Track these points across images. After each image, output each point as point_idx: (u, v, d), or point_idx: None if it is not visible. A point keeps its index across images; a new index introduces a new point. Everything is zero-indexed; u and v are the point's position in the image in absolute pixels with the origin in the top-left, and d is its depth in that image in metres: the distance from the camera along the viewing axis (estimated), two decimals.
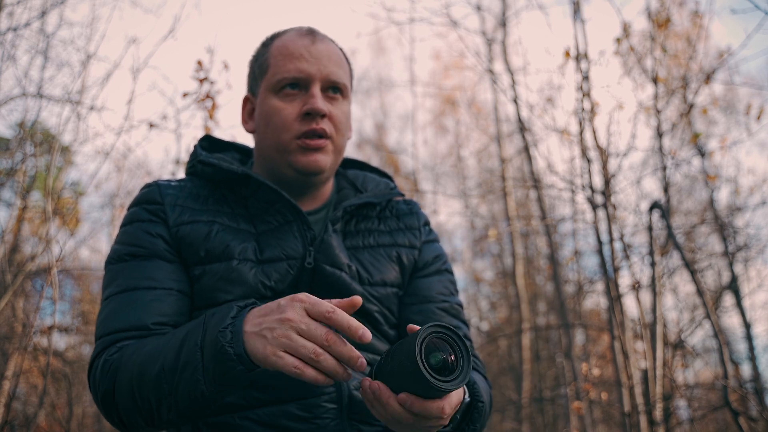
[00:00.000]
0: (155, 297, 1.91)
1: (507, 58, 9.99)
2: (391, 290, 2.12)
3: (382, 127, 22.10)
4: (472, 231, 18.90)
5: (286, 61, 2.11)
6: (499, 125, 14.04)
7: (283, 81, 2.09)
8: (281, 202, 2.04)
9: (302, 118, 2.06)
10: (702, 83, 5.74)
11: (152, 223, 2.02)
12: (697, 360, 9.03)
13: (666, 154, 5.87)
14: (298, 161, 2.06)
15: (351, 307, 1.52)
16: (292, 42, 2.15)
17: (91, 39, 6.40)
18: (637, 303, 4.88)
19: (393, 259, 2.16)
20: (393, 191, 2.30)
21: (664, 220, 5.09)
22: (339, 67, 2.15)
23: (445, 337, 1.43)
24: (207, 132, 6.58)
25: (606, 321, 8.74)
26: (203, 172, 2.14)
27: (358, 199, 2.17)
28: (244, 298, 1.91)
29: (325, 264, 2.01)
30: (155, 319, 1.87)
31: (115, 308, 1.90)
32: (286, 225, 2.04)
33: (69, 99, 6.12)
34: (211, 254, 1.96)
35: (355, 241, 2.15)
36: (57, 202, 6.10)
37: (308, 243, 2.02)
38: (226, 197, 2.11)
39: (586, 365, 8.07)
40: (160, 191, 2.08)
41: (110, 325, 1.88)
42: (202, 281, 1.94)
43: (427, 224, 2.33)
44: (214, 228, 2.00)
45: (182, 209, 2.04)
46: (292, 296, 1.52)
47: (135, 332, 1.84)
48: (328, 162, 2.09)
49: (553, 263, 10.63)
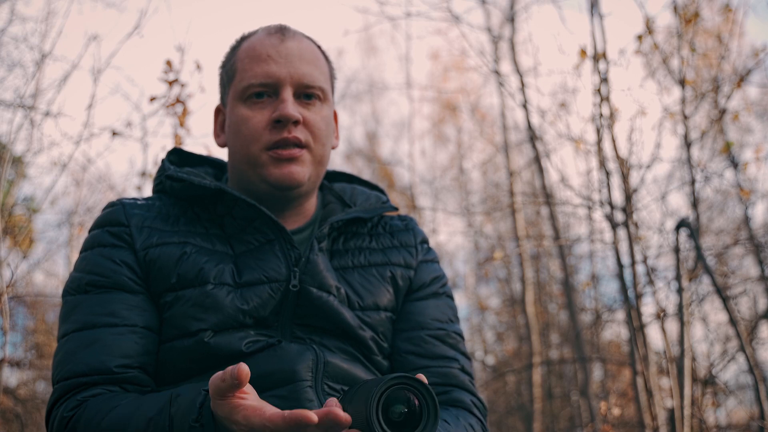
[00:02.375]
0: (118, 335, 1.91)
1: (515, 57, 10.03)
2: (384, 315, 2.12)
3: (374, 136, 22.16)
4: (477, 253, 18.90)
5: (252, 65, 2.12)
6: (507, 133, 14.05)
7: (250, 88, 2.09)
8: (261, 218, 2.04)
9: (272, 127, 2.06)
10: (735, 86, 5.76)
11: (116, 248, 2.02)
12: (730, 398, 9.01)
13: (694, 165, 5.89)
14: (271, 174, 2.06)
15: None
16: (260, 42, 2.15)
17: (46, 36, 6.38)
18: (663, 334, 4.88)
19: (386, 280, 2.16)
20: (385, 205, 2.29)
21: (693, 241, 5.09)
22: (314, 67, 2.14)
23: (410, 388, 1.44)
24: (177, 141, 6.58)
25: (627, 354, 8.74)
26: (172, 188, 2.14)
27: (346, 214, 2.17)
28: (220, 327, 1.91)
29: (312, 287, 2.00)
30: (118, 362, 1.88)
31: (73, 348, 1.91)
32: (267, 244, 2.04)
33: (21, 103, 6.11)
34: (183, 279, 1.95)
35: (343, 261, 2.15)
36: (8, 219, 6.10)
37: (292, 264, 2.02)
38: (200, 216, 2.10)
39: (604, 404, 8.06)
40: (125, 211, 2.08)
41: (69, 368, 1.88)
42: (174, 309, 1.94)
43: (424, 242, 2.33)
44: (187, 250, 2.00)
45: (150, 231, 2.04)
46: None
47: (97, 377, 1.85)
48: (305, 174, 2.08)
49: (568, 289, 10.63)
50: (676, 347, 5.35)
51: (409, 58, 22.10)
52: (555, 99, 7.24)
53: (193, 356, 1.92)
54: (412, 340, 2.13)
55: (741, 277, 9.02)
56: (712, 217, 12.24)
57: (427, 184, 19.81)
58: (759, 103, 14.00)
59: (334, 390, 1.93)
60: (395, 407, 1.41)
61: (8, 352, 6.44)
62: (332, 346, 2.00)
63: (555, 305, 15.07)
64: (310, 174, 2.10)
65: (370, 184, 2.43)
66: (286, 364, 1.89)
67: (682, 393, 4.79)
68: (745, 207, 10.01)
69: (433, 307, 2.21)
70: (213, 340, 1.90)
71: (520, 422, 13.66)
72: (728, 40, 6.49)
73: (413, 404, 1.42)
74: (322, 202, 2.30)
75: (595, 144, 5.45)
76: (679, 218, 5.20)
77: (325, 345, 1.99)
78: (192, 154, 2.34)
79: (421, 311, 2.18)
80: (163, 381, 1.96)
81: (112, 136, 6.78)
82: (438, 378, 2.11)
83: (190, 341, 1.91)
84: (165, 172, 2.16)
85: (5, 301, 4.44)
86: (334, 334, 2.02)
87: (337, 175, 2.46)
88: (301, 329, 2.00)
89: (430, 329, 2.16)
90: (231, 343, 1.90)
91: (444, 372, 2.12)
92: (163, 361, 1.96)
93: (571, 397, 12.46)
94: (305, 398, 1.85)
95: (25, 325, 12.32)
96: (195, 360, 1.92)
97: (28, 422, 7.70)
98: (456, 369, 2.14)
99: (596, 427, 8.83)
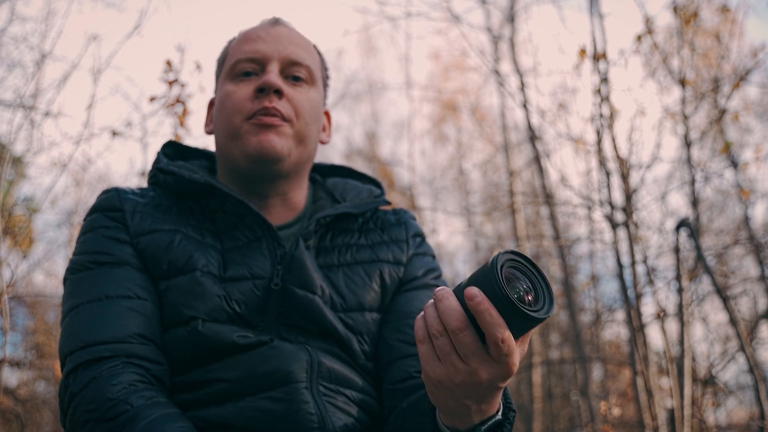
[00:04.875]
0: (132, 307, 1.89)
1: (515, 57, 10.04)
2: (369, 316, 2.08)
3: (373, 136, 22.11)
4: (476, 253, 18.88)
5: (242, 45, 2.15)
6: (507, 133, 14.06)
7: (238, 63, 2.11)
8: (250, 215, 2.03)
9: (255, 97, 2.06)
10: (735, 86, 5.76)
11: (117, 229, 2.02)
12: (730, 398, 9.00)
13: (694, 165, 5.89)
14: (249, 143, 2.04)
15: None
16: (252, 29, 2.19)
17: (46, 36, 6.38)
18: (663, 334, 4.88)
19: (373, 278, 2.12)
20: (377, 200, 2.25)
21: (693, 241, 5.09)
22: (302, 50, 2.15)
23: (522, 267, 1.42)
24: (178, 141, 6.57)
25: (627, 354, 8.73)
26: (165, 181, 2.13)
27: (334, 210, 2.14)
28: (209, 315, 1.90)
29: (295, 286, 1.98)
30: (136, 331, 1.86)
31: (85, 318, 1.88)
32: (255, 241, 2.03)
33: (21, 103, 6.11)
34: (174, 266, 1.95)
35: (329, 259, 2.12)
36: (8, 220, 6.09)
37: (277, 261, 2.00)
38: (193, 210, 2.10)
39: (604, 404, 8.06)
40: (120, 197, 2.08)
41: (85, 336, 1.85)
42: (167, 297, 1.94)
43: (418, 235, 2.27)
44: (177, 237, 1.99)
45: (142, 216, 2.03)
46: None
47: (116, 345, 1.82)
48: (284, 146, 2.06)
49: (568, 289, 10.63)
50: (676, 347, 5.35)
51: (409, 58, 22.07)
52: (555, 99, 7.22)
53: (187, 345, 1.90)
54: (400, 328, 2.07)
55: (741, 277, 9.00)
56: (712, 217, 12.23)
57: (426, 184, 19.81)
58: (759, 103, 13.97)
59: (329, 391, 1.91)
60: (514, 286, 1.40)
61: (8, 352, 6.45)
62: (319, 347, 1.97)
63: (555, 305, 15.05)
64: (290, 149, 2.08)
65: (366, 177, 2.39)
66: (282, 365, 1.88)
67: (682, 393, 4.79)
68: (745, 207, 10.00)
69: (423, 297, 2.14)
70: (205, 328, 1.88)
71: (520, 422, 13.64)
72: (728, 40, 6.49)
73: (526, 286, 1.42)
74: (313, 198, 2.28)
75: (595, 144, 5.45)
76: (679, 218, 5.20)
77: (312, 346, 1.97)
78: (188, 147, 2.33)
79: (410, 301, 2.13)
80: None
81: (112, 136, 6.78)
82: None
83: (183, 330, 1.90)
84: (158, 164, 2.16)
85: (5, 301, 4.44)
86: (318, 335, 1.99)
87: (333, 170, 2.44)
88: (287, 330, 1.97)
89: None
90: (223, 333, 1.89)
91: None
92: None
93: (571, 397, 12.45)
94: (301, 400, 1.84)
95: (25, 325, 12.30)
96: (189, 350, 1.90)
97: (28, 422, 7.71)
98: None
99: (596, 427, 8.83)
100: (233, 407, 1.83)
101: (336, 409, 1.89)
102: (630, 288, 5.16)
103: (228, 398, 1.85)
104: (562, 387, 13.33)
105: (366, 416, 1.98)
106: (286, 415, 1.81)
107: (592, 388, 10.47)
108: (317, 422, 1.82)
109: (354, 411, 1.94)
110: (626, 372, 11.25)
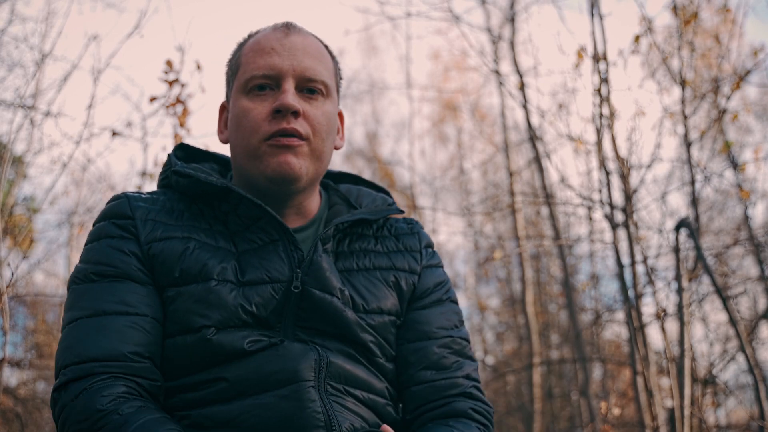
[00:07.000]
0: (129, 324, 1.89)
1: (515, 57, 10.02)
2: (388, 318, 2.11)
3: (374, 136, 22.14)
4: (476, 253, 18.89)
5: (256, 57, 2.11)
6: (507, 133, 14.04)
7: (253, 79, 2.08)
8: (265, 218, 2.03)
9: (272, 118, 2.04)
10: (734, 86, 5.76)
11: (123, 239, 2.01)
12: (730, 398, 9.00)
13: (694, 165, 5.89)
14: (269, 165, 2.03)
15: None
16: (264, 37, 2.15)
17: (46, 36, 6.39)
18: (663, 334, 4.88)
19: (390, 284, 2.15)
20: (391, 207, 2.28)
21: (693, 241, 5.09)
22: (318, 62, 2.13)
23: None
24: (177, 141, 6.57)
25: (627, 354, 8.74)
26: (178, 184, 2.13)
27: (352, 216, 2.15)
28: (222, 323, 1.90)
29: (315, 288, 1.99)
30: (131, 349, 1.86)
31: (83, 333, 1.88)
32: (271, 244, 2.03)
33: (21, 103, 6.11)
34: (186, 274, 1.94)
35: (348, 263, 2.13)
36: (8, 219, 6.09)
37: (295, 265, 2.01)
38: (204, 213, 2.10)
39: (605, 404, 8.07)
40: (130, 204, 2.07)
41: (80, 352, 1.85)
42: (176, 304, 1.93)
43: (429, 246, 2.31)
44: (191, 245, 1.99)
45: (154, 224, 2.03)
46: None
47: (110, 363, 1.83)
48: (302, 166, 2.05)
49: (568, 289, 10.63)
50: (676, 347, 5.35)
51: (410, 58, 22.11)
52: (555, 99, 7.23)
53: (195, 352, 1.90)
54: (419, 351, 2.12)
55: (741, 277, 9.02)
56: (712, 217, 12.24)
57: (427, 184, 19.83)
58: (758, 103, 14.00)
59: (337, 391, 1.92)
60: None
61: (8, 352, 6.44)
62: (334, 348, 1.99)
63: (555, 305, 15.08)
64: (307, 168, 2.07)
65: (376, 186, 2.41)
66: (288, 364, 1.88)
67: (682, 393, 4.80)
68: (745, 207, 9.99)
69: (438, 314, 2.19)
70: (216, 337, 1.88)
71: (520, 422, 13.65)
72: (728, 41, 6.50)
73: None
74: (328, 203, 2.28)
75: (595, 144, 5.46)
76: (679, 218, 5.21)
77: (328, 347, 1.98)
78: (198, 149, 2.32)
79: (427, 320, 2.17)
80: (163, 376, 1.95)
81: (112, 136, 6.79)
82: (441, 391, 2.10)
83: (192, 338, 1.90)
84: (172, 167, 2.15)
85: (5, 301, 4.44)
86: (335, 337, 2.00)
87: (343, 177, 2.44)
88: (303, 331, 1.98)
89: (436, 338, 2.14)
90: (233, 341, 1.89)
91: (448, 384, 2.11)
92: (165, 357, 1.94)
93: (571, 397, 12.46)
94: (307, 398, 1.84)
95: (25, 325, 12.28)
96: (196, 356, 1.90)
97: (28, 422, 7.70)
98: (460, 378, 2.12)
99: (596, 427, 8.83)
100: (239, 405, 1.83)
101: (344, 409, 1.90)
102: (630, 288, 5.17)
103: (234, 396, 1.86)
104: (562, 387, 13.34)
105: (376, 418, 2.00)
106: (293, 413, 1.82)
107: (592, 388, 10.48)
108: (323, 421, 1.83)
109: (363, 412, 1.96)
110: (626, 372, 11.26)
